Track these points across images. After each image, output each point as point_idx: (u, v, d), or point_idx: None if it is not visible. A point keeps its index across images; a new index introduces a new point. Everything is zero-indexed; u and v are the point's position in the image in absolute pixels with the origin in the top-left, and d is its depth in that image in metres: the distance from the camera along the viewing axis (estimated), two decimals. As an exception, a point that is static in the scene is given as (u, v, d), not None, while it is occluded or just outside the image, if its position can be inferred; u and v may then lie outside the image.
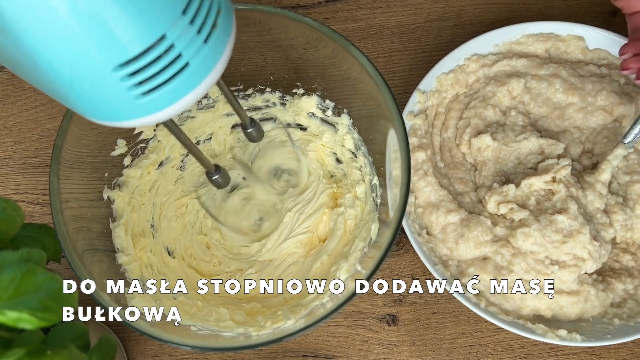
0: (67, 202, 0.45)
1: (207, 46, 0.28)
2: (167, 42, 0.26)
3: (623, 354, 0.58)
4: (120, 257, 0.51)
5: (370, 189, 0.55)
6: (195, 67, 0.28)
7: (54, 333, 0.35)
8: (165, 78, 0.27)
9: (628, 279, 0.56)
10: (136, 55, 0.25)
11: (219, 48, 0.29)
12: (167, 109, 0.28)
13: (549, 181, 0.56)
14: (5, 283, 0.29)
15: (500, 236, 0.56)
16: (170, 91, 0.27)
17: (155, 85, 0.27)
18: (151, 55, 0.26)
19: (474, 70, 0.62)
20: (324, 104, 0.56)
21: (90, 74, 0.25)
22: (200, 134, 0.59)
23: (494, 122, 0.61)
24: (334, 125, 0.57)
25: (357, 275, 0.48)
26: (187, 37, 0.26)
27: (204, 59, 0.28)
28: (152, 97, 0.27)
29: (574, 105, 0.61)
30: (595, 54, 0.63)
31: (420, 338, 0.59)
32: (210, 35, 0.28)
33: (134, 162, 0.55)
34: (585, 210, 0.56)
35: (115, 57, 0.25)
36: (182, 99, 0.28)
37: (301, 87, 0.56)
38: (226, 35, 0.29)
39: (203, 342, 0.45)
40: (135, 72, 0.26)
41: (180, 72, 0.27)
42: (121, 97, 0.27)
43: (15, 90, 0.67)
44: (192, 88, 0.28)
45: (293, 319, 0.49)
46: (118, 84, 0.26)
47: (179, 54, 0.26)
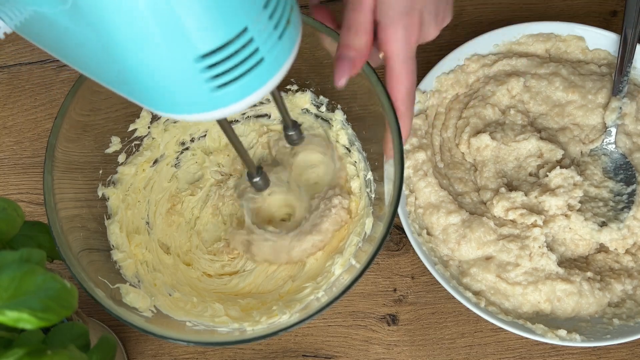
0: (62, 200, 0.45)
1: (281, 42, 0.28)
2: (247, 36, 0.26)
3: (623, 354, 0.58)
4: (115, 254, 0.51)
5: (365, 184, 0.55)
6: (270, 62, 0.28)
7: (54, 333, 0.36)
8: (242, 72, 0.27)
9: (627, 279, 0.56)
10: (218, 47, 0.25)
11: (291, 44, 0.29)
12: (239, 103, 0.28)
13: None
14: (5, 283, 0.29)
15: (508, 235, 0.56)
16: (244, 85, 0.28)
17: (232, 78, 0.27)
18: (232, 48, 0.26)
19: (474, 70, 0.62)
20: (317, 100, 0.57)
21: (172, 64, 0.26)
22: (195, 131, 0.60)
23: (493, 122, 0.61)
24: (328, 121, 0.58)
25: (352, 269, 0.48)
26: (265, 32, 0.27)
27: (277, 54, 0.28)
28: (227, 90, 0.27)
29: (574, 103, 0.61)
30: (595, 54, 0.63)
31: (420, 338, 0.59)
32: (284, 31, 0.28)
33: (128, 159, 0.55)
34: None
35: (198, 48, 0.25)
36: (254, 93, 0.28)
37: (295, 84, 0.56)
38: (297, 31, 0.30)
39: (198, 337, 0.45)
40: (214, 64, 0.26)
41: (255, 67, 0.27)
42: (199, 89, 0.27)
43: (15, 90, 0.67)
44: (264, 83, 0.29)
45: (288, 314, 0.49)
46: (198, 75, 0.26)
47: (256, 48, 0.27)
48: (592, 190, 0.59)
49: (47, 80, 0.67)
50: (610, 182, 0.60)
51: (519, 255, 0.55)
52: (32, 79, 0.67)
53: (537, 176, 0.59)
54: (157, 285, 0.53)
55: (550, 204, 0.56)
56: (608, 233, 0.56)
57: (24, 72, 0.68)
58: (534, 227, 0.56)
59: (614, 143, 0.60)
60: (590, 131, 0.61)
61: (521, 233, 0.56)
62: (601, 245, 0.58)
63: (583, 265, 0.58)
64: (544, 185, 0.57)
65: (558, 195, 0.56)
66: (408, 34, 0.43)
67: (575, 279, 0.55)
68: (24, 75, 0.67)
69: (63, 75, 0.67)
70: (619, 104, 0.59)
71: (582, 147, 0.61)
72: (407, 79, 0.44)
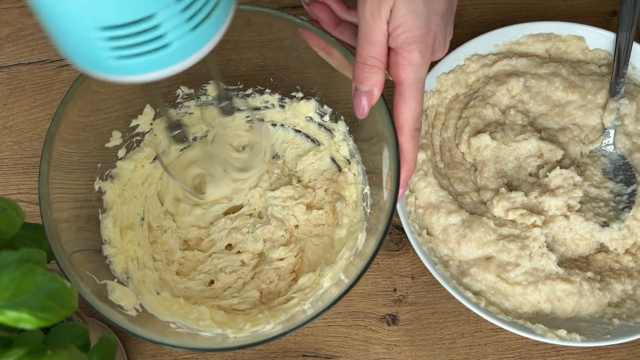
0: (56, 190, 0.45)
1: (194, 33, 0.29)
2: (153, 22, 0.27)
3: (623, 354, 0.58)
4: (106, 248, 0.51)
5: (362, 198, 0.55)
6: (177, 48, 0.29)
7: (54, 333, 0.36)
8: (143, 51, 0.28)
9: (627, 279, 0.56)
10: (121, 24, 0.27)
11: (206, 37, 0.30)
12: (144, 76, 0.30)
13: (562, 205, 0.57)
14: (5, 283, 0.29)
15: (508, 235, 0.56)
16: (147, 62, 0.29)
17: (133, 54, 0.28)
18: (134, 28, 0.27)
19: (474, 70, 0.62)
20: (322, 109, 0.57)
21: (80, 26, 0.27)
22: (198, 130, 0.59)
23: (493, 122, 0.61)
24: (331, 131, 0.57)
25: (340, 283, 0.48)
26: (174, 22, 0.28)
27: (187, 43, 0.29)
28: (131, 62, 0.29)
29: (574, 103, 0.61)
30: (595, 54, 0.63)
31: (420, 338, 0.59)
32: (200, 25, 0.29)
33: (128, 154, 0.54)
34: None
35: (102, 20, 0.26)
36: (158, 72, 0.30)
37: (300, 91, 0.56)
38: (216, 26, 0.30)
39: (180, 341, 0.45)
40: (117, 37, 0.27)
41: (158, 50, 0.28)
42: (104, 54, 0.28)
43: (15, 90, 0.67)
44: (169, 65, 0.30)
45: (272, 324, 0.49)
46: (102, 42, 0.28)
47: (162, 33, 0.28)
48: (592, 191, 0.59)
49: (47, 80, 0.67)
50: (610, 183, 0.60)
51: (519, 255, 0.55)
52: (32, 79, 0.67)
53: (537, 176, 0.59)
54: (145, 283, 0.52)
55: (550, 204, 0.56)
56: (608, 233, 0.56)
57: (24, 72, 0.68)
58: (534, 227, 0.56)
59: (613, 144, 0.60)
60: (590, 131, 0.61)
61: (521, 233, 0.56)
62: (601, 245, 0.58)
63: (583, 265, 0.58)
64: (544, 186, 0.57)
65: (558, 195, 0.56)
66: (423, 60, 0.43)
67: (576, 279, 0.55)
68: (24, 75, 0.67)
69: (63, 75, 0.67)
70: (616, 106, 0.59)
71: (582, 148, 0.61)
72: (417, 103, 0.44)
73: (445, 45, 0.47)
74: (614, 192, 0.59)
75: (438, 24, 0.43)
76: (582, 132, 0.61)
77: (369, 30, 0.43)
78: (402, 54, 0.43)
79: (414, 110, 0.44)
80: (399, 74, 0.44)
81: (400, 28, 0.42)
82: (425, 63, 0.44)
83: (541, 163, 0.59)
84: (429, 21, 0.43)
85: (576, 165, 0.60)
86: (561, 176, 0.57)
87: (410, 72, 0.43)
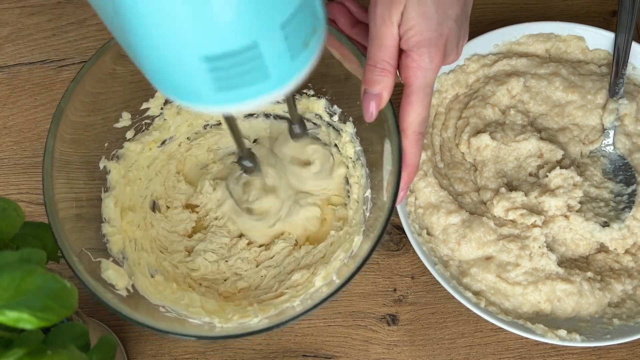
0: (59, 165, 0.45)
1: (293, 62, 0.28)
2: (255, 51, 0.26)
3: (623, 354, 0.58)
4: (105, 227, 0.51)
5: (363, 201, 0.55)
6: (276, 78, 0.28)
7: (54, 333, 0.36)
8: (244, 81, 0.27)
9: (627, 279, 0.56)
10: (223, 54, 0.25)
11: (303, 64, 0.29)
12: (242, 105, 0.29)
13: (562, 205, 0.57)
14: (5, 283, 0.29)
15: (508, 235, 0.56)
16: (247, 92, 0.28)
17: (233, 84, 0.27)
18: (236, 58, 0.26)
19: (474, 70, 0.63)
20: (331, 109, 0.57)
21: (180, 55, 0.26)
22: (209, 119, 0.60)
23: (493, 122, 0.61)
24: (339, 132, 0.57)
25: (332, 284, 0.48)
26: (277, 51, 0.26)
27: (286, 72, 0.28)
28: (230, 93, 0.27)
29: (574, 103, 0.61)
30: (595, 54, 0.63)
31: (420, 338, 0.59)
32: (299, 53, 0.28)
33: (136, 136, 0.54)
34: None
35: (204, 50, 0.25)
36: (256, 101, 0.29)
37: (312, 88, 0.56)
38: (313, 54, 0.29)
39: (168, 326, 0.45)
40: (218, 67, 0.26)
41: (259, 80, 0.27)
42: (203, 85, 0.27)
43: (15, 90, 0.67)
44: (267, 95, 0.28)
45: (259, 317, 0.49)
46: (203, 73, 0.26)
47: (263, 63, 0.26)
48: (592, 191, 0.59)
49: (47, 80, 0.67)
50: (610, 183, 0.60)
51: (519, 255, 0.55)
52: (32, 79, 0.67)
53: (537, 176, 0.59)
54: (140, 265, 0.52)
55: (550, 204, 0.56)
56: (608, 233, 0.56)
57: (24, 72, 0.68)
58: (534, 227, 0.56)
59: (613, 145, 0.60)
60: (590, 132, 0.61)
61: (521, 233, 0.56)
62: (601, 245, 0.58)
63: (583, 265, 0.58)
64: (544, 186, 0.57)
65: (558, 195, 0.56)
66: (432, 64, 0.43)
67: (576, 279, 0.55)
68: (24, 75, 0.67)
69: (63, 75, 0.67)
70: (616, 106, 0.59)
71: (582, 148, 0.61)
72: (423, 108, 0.44)
73: (458, 50, 0.46)
74: (614, 192, 0.59)
75: (450, 28, 0.43)
76: (582, 132, 0.61)
77: (380, 34, 0.43)
78: (412, 57, 0.43)
79: (419, 114, 0.44)
80: (408, 76, 0.44)
81: (411, 31, 0.42)
82: (435, 67, 0.43)
83: (541, 163, 0.59)
84: (441, 25, 0.42)
85: (576, 165, 0.60)
86: (561, 176, 0.57)
87: (419, 76, 0.43)
